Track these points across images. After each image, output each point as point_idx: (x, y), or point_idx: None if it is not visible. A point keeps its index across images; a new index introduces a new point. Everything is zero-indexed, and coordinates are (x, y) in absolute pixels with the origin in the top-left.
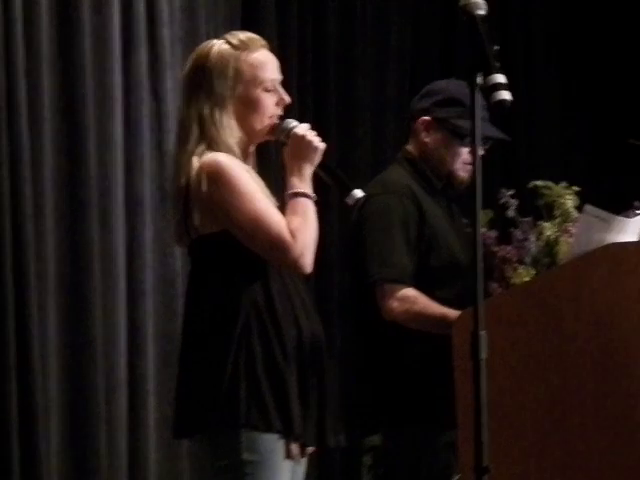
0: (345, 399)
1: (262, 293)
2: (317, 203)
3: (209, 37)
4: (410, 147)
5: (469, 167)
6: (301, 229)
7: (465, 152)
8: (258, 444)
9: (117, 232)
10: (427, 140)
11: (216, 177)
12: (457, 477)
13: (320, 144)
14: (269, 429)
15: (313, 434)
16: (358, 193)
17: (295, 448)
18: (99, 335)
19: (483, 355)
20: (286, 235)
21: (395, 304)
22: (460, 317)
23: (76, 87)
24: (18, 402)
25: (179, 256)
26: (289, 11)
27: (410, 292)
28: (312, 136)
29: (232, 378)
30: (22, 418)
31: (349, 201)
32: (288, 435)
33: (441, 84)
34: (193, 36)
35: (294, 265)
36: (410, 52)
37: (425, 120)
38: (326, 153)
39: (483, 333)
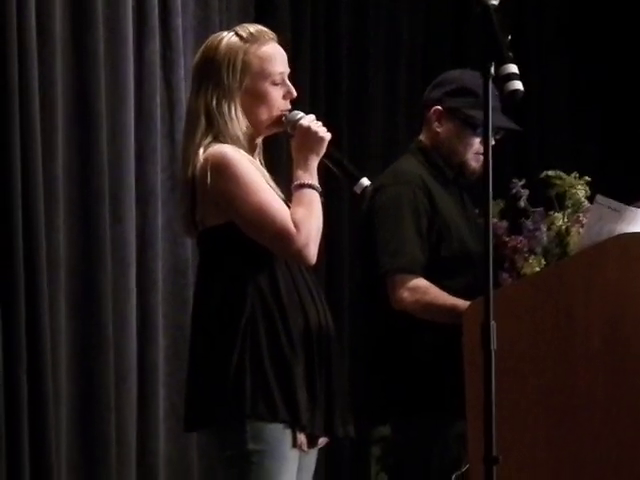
0: (355, 390)
1: (268, 284)
2: (327, 193)
3: (222, 27)
4: (423, 137)
5: (481, 157)
6: (305, 220)
7: (477, 142)
8: (264, 434)
9: (128, 221)
10: (439, 130)
11: (221, 169)
12: (466, 467)
13: (325, 134)
14: (275, 419)
15: (321, 424)
16: (365, 182)
17: (302, 437)
18: (109, 324)
19: (494, 346)
20: (290, 226)
21: (406, 294)
22: (470, 307)
23: (89, 75)
24: (28, 391)
25: (190, 245)
26: (302, 1)
27: (421, 282)
28: (317, 127)
29: (238, 369)
30: (32, 407)
31: (357, 190)
32: (295, 425)
33: (454, 74)
34: (206, 26)
35: (298, 256)
36: (422, 46)
37: (437, 110)
38: (333, 143)
39: (493, 324)
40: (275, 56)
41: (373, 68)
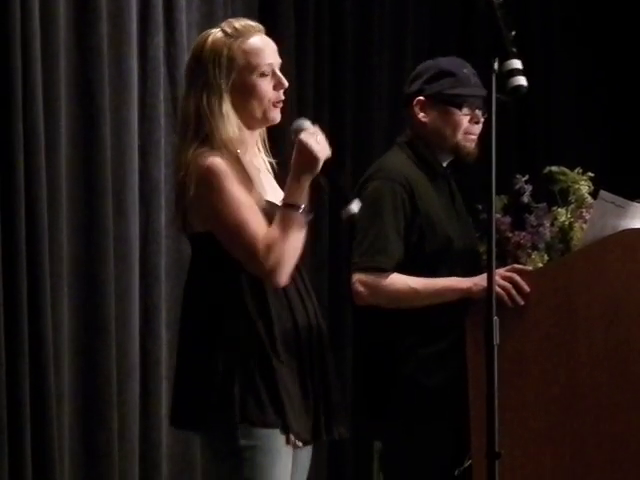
0: (353, 389)
1: (253, 289)
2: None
3: None
4: (409, 132)
5: (473, 137)
6: (278, 243)
7: (465, 121)
8: (255, 430)
9: (132, 217)
10: (425, 120)
11: (205, 180)
12: (468, 463)
13: (321, 154)
14: (265, 425)
15: (309, 428)
16: (354, 208)
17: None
18: (112, 319)
19: (496, 341)
20: (260, 248)
21: (361, 288)
22: (474, 303)
23: (92, 72)
24: (31, 387)
25: None
26: None
27: (383, 276)
28: (315, 144)
29: (226, 374)
30: (34, 402)
31: (343, 214)
32: (285, 430)
33: (428, 63)
34: (210, 21)
35: (266, 278)
36: (428, 44)
37: (419, 100)
38: (332, 161)
39: (496, 319)
40: (262, 48)
41: (378, 66)
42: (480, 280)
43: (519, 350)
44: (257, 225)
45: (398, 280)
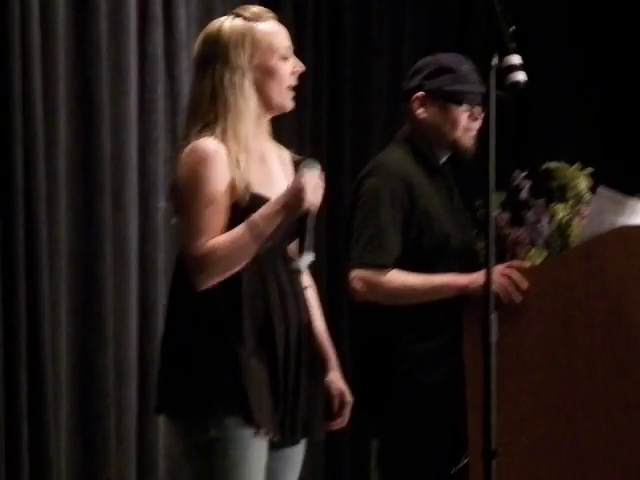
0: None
1: (229, 279)
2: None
3: None
4: (408, 127)
5: (471, 133)
6: (217, 251)
7: (464, 118)
8: (226, 422)
9: (130, 214)
10: (424, 116)
11: (193, 164)
12: (465, 461)
13: (310, 198)
14: (228, 415)
15: (277, 424)
16: (305, 261)
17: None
18: (110, 316)
19: (493, 338)
20: (196, 248)
21: (359, 285)
22: (471, 300)
23: (91, 68)
24: (28, 385)
25: None
26: None
27: (382, 274)
28: (311, 188)
29: (191, 364)
30: (32, 400)
31: (294, 265)
32: (249, 422)
33: (428, 59)
34: (209, 16)
35: (189, 274)
36: (426, 39)
37: (419, 96)
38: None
39: (494, 316)
40: (279, 31)
41: (377, 61)
42: (477, 277)
43: (517, 347)
44: (211, 226)
45: (396, 277)
